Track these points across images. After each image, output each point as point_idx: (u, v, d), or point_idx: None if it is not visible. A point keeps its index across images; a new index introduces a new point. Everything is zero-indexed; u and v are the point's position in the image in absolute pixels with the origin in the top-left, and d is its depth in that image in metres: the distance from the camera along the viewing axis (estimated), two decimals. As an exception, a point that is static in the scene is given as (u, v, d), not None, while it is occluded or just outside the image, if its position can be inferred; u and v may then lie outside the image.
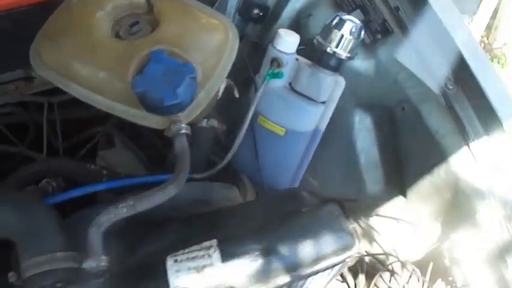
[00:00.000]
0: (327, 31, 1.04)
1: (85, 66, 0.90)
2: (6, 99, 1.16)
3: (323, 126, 1.13)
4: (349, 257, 0.85)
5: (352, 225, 0.85)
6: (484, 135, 0.98)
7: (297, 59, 1.09)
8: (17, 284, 0.79)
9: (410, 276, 1.14)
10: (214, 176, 1.10)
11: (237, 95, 1.02)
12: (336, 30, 1.02)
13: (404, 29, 1.05)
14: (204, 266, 0.79)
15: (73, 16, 0.95)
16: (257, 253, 0.81)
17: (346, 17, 1.03)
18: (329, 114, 1.12)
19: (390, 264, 1.18)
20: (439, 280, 1.08)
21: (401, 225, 1.18)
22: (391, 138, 1.13)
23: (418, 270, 1.13)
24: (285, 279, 0.82)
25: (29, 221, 0.80)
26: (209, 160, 1.14)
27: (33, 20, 1.07)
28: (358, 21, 1.03)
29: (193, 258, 0.80)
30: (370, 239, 1.22)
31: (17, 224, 0.80)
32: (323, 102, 1.11)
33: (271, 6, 1.20)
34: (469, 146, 0.99)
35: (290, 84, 1.11)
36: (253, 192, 1.14)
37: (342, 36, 1.03)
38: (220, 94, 1.00)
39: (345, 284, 1.25)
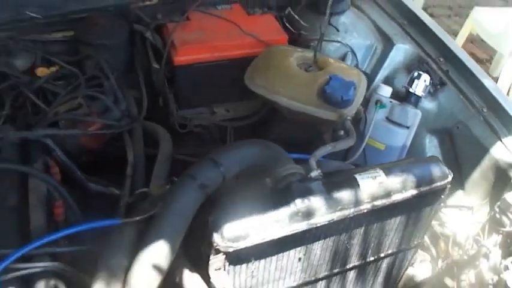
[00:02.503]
0: (410, 80, 1.92)
1: (286, 86, 1.73)
2: (200, 122, 1.94)
3: (408, 143, 1.95)
4: (446, 185, 1.58)
5: (447, 168, 1.60)
6: (509, 135, 1.82)
7: (390, 101, 1.95)
8: (269, 186, 1.48)
9: (472, 244, 1.84)
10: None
11: (363, 115, 1.84)
12: (416, 80, 1.90)
13: (453, 81, 1.94)
14: (375, 177, 1.51)
15: (274, 59, 1.81)
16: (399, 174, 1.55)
17: (421, 72, 1.92)
18: (411, 135, 1.94)
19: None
20: (494, 234, 1.77)
21: (462, 210, 1.91)
22: (451, 149, 1.93)
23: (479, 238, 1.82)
24: (413, 192, 1.54)
25: (276, 153, 1.53)
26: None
27: (221, 71, 1.91)
28: (427, 75, 1.91)
29: (369, 173, 1.53)
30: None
31: (270, 155, 1.52)
32: (408, 127, 1.93)
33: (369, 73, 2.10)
34: (502, 141, 1.80)
35: (387, 117, 1.95)
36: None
37: (418, 83, 1.91)
38: (353, 113, 1.81)
39: (427, 255, 1.93)
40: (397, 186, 1.52)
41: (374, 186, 1.49)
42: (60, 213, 1.55)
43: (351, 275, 1.75)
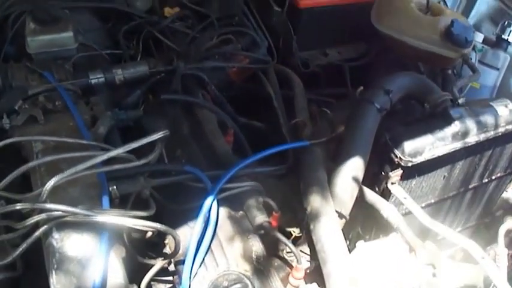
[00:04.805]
0: (501, 28, 2.29)
1: (412, 28, 2.03)
2: (319, 62, 2.21)
3: (498, 84, 2.33)
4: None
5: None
6: None
7: (483, 47, 2.32)
8: (428, 110, 1.77)
9: None
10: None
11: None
12: (507, 28, 2.28)
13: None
14: (506, 105, 1.83)
15: (396, 4, 2.10)
16: None
17: (511, 21, 2.30)
18: (501, 76, 2.32)
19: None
20: None
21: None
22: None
23: None
24: None
25: (426, 82, 1.84)
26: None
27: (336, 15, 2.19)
28: (516, 24, 2.31)
29: (500, 102, 1.86)
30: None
31: (422, 84, 1.83)
32: (498, 69, 2.32)
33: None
34: None
35: (479, 60, 2.32)
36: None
37: (509, 30, 2.29)
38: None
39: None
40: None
41: (506, 112, 1.84)
42: (230, 140, 1.75)
43: (468, 195, 2.11)
